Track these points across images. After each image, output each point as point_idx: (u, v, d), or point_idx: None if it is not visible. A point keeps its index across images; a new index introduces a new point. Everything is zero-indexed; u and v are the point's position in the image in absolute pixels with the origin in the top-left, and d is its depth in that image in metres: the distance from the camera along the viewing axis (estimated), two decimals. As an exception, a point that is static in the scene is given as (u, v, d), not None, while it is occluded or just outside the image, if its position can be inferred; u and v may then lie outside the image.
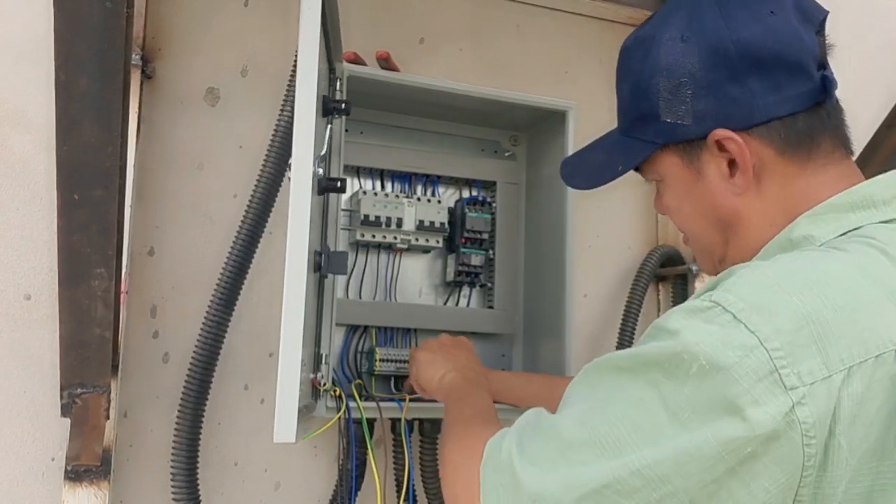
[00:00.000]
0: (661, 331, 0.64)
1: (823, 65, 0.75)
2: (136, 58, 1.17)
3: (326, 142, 1.01)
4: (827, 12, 0.77)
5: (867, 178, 0.78)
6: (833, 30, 0.79)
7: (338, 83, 1.11)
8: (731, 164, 0.75)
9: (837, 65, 0.80)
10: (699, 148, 0.77)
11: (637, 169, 0.86)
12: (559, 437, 0.65)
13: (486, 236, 1.32)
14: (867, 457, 0.60)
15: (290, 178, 0.85)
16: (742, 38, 0.74)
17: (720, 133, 0.74)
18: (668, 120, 0.77)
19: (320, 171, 0.89)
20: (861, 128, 1.59)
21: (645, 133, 0.81)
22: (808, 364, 0.59)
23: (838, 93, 0.78)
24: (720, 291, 0.63)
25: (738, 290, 0.62)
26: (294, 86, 1.05)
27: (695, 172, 0.78)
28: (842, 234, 0.71)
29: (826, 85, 0.74)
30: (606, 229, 1.50)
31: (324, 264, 0.98)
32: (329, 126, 1.04)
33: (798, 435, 0.57)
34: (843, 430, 0.58)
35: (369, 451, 1.13)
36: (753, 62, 0.73)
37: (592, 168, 0.92)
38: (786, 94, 0.73)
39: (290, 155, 1.06)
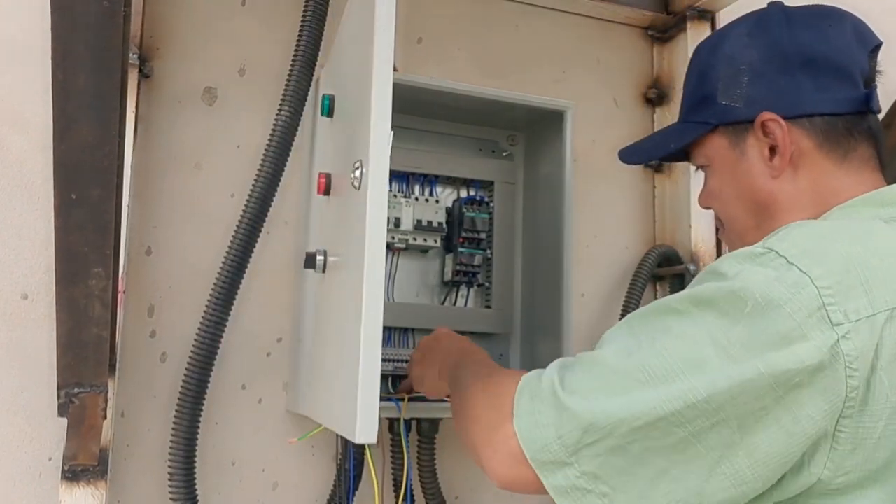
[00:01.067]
0: (715, 274, 0.68)
1: (869, 83, 0.83)
2: (133, 57, 1.17)
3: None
4: (881, 42, 0.85)
5: None
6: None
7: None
8: (773, 150, 0.83)
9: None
10: (746, 131, 0.85)
11: (688, 157, 0.93)
12: (605, 365, 0.67)
13: (483, 236, 1.32)
14: None
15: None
16: (799, 40, 0.82)
17: (766, 115, 0.82)
18: (724, 102, 0.86)
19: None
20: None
21: (701, 115, 0.89)
22: (854, 303, 0.63)
23: None
24: (774, 239, 0.68)
25: (792, 238, 0.67)
26: (291, 85, 1.05)
27: (739, 154, 0.86)
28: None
29: (870, 99, 0.81)
30: (604, 229, 1.50)
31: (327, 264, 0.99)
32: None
33: (842, 367, 0.62)
34: (884, 365, 0.63)
35: (367, 451, 1.13)
36: (806, 60, 0.82)
37: (647, 147, 1.01)
38: (832, 95, 0.81)
39: (288, 155, 1.06)
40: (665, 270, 1.50)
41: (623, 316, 1.43)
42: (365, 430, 0.74)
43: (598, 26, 1.54)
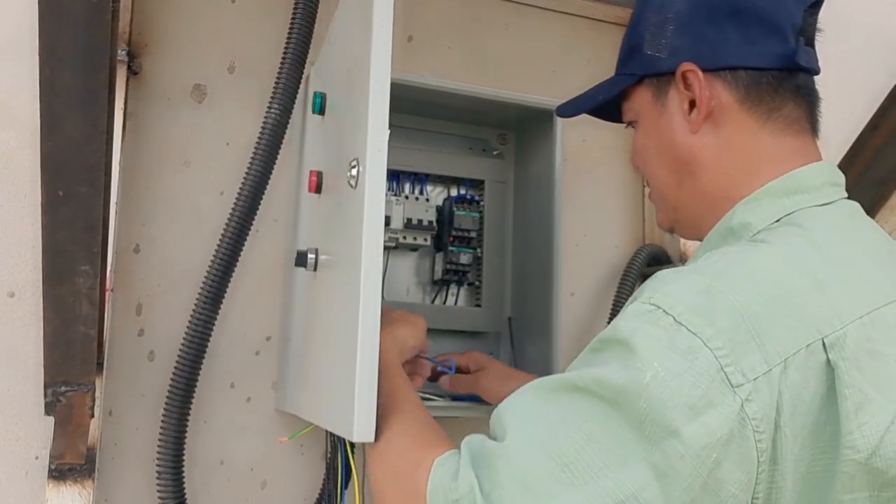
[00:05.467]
0: (607, 342, 0.64)
1: (808, 42, 0.79)
2: (122, 53, 1.16)
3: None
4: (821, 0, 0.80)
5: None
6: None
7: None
8: (693, 103, 0.79)
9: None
10: (668, 84, 0.81)
11: (620, 115, 0.90)
12: (525, 469, 0.61)
13: (473, 235, 1.32)
14: (806, 441, 0.62)
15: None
16: None
17: (686, 66, 0.79)
18: (649, 52, 0.82)
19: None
20: (845, 129, 1.60)
21: (628, 66, 0.86)
22: (749, 360, 0.60)
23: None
24: (659, 295, 0.63)
25: (676, 293, 0.63)
26: (281, 82, 1.05)
27: (661, 107, 0.82)
28: (776, 220, 0.74)
29: (800, 54, 0.77)
30: (594, 228, 1.51)
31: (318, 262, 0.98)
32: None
33: (750, 432, 0.59)
34: (786, 420, 0.60)
35: (348, 448, 1.12)
36: (733, 10, 0.78)
37: (579, 101, 0.96)
38: (758, 49, 0.77)
39: (277, 152, 1.06)
40: (654, 269, 1.51)
41: (613, 315, 1.44)
42: (362, 428, 0.73)
43: (588, 26, 1.54)
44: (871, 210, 1.55)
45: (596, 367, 0.63)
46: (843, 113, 1.62)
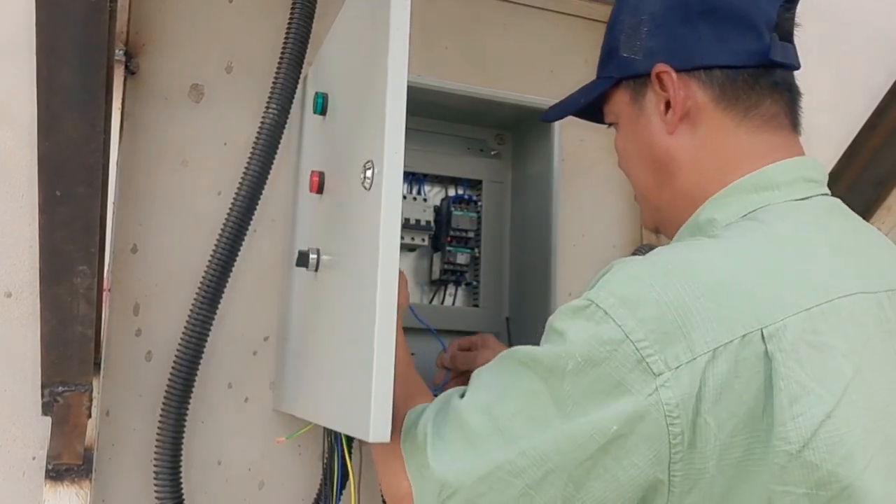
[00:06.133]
0: (551, 331, 0.70)
1: (784, 37, 0.79)
2: (119, 53, 1.16)
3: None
4: None
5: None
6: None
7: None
8: (668, 104, 0.80)
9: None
10: (645, 86, 0.82)
11: (603, 116, 0.91)
12: (466, 426, 0.71)
13: (471, 235, 1.32)
14: (738, 430, 0.63)
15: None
16: None
17: (660, 67, 0.79)
18: (625, 55, 0.83)
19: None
20: (843, 128, 1.61)
21: (607, 69, 0.87)
22: (673, 349, 0.63)
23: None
24: (595, 289, 0.68)
25: (609, 287, 0.67)
26: (279, 82, 1.05)
27: (639, 109, 0.83)
28: (743, 216, 0.75)
29: (774, 50, 0.77)
30: (591, 228, 1.51)
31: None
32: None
33: (661, 416, 0.62)
34: (708, 408, 0.62)
35: (344, 446, 1.12)
36: (707, 9, 0.78)
37: (563, 104, 0.97)
38: (731, 46, 0.78)
39: (275, 152, 1.06)
40: (652, 270, 1.51)
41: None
42: (378, 429, 0.73)
43: (586, 26, 1.54)
44: (869, 210, 1.55)
45: (541, 346, 0.70)
46: (842, 113, 1.62)
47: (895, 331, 0.70)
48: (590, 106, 0.91)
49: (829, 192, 0.79)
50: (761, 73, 0.78)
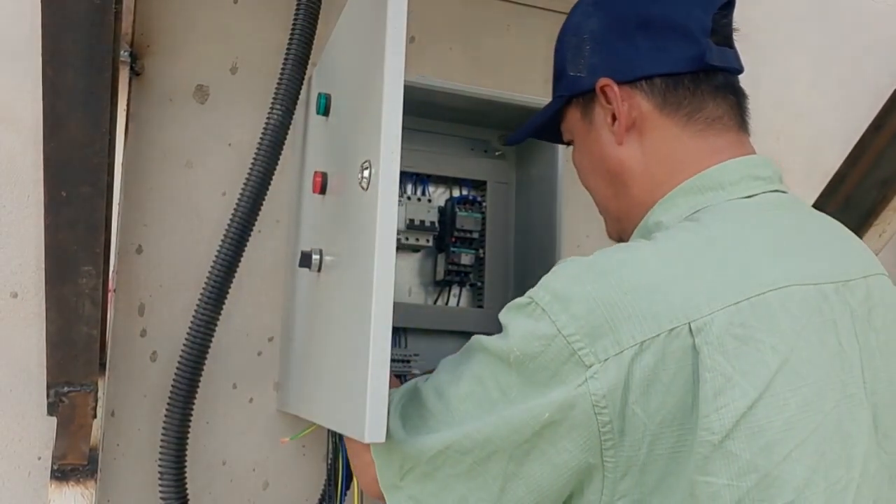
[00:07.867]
0: (502, 324, 0.75)
1: (722, 42, 0.82)
2: (124, 54, 1.16)
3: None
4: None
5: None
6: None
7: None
8: (615, 116, 0.83)
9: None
10: (592, 101, 0.85)
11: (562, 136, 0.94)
12: (423, 406, 0.77)
13: (476, 235, 1.32)
14: (668, 421, 0.66)
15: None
16: (636, 2, 0.82)
17: (602, 81, 0.83)
18: (571, 73, 0.87)
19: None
20: (848, 130, 1.60)
21: (558, 89, 0.90)
22: (602, 342, 0.66)
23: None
24: (536, 288, 0.72)
25: (548, 285, 0.72)
26: (283, 83, 1.05)
27: (588, 124, 0.87)
28: (686, 218, 0.77)
29: (711, 54, 0.79)
30: (595, 229, 1.50)
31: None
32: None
33: (589, 405, 0.66)
34: (636, 399, 0.66)
35: (339, 447, 1.12)
36: (641, 22, 0.81)
37: (524, 127, 1.01)
38: (669, 55, 0.80)
39: (280, 153, 1.06)
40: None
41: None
42: (373, 429, 0.73)
43: (590, 26, 1.54)
44: (874, 211, 1.55)
45: (492, 337, 0.75)
46: (847, 114, 1.62)
47: (840, 321, 0.70)
48: (548, 126, 0.94)
49: (781, 188, 0.81)
50: (701, 77, 0.80)
